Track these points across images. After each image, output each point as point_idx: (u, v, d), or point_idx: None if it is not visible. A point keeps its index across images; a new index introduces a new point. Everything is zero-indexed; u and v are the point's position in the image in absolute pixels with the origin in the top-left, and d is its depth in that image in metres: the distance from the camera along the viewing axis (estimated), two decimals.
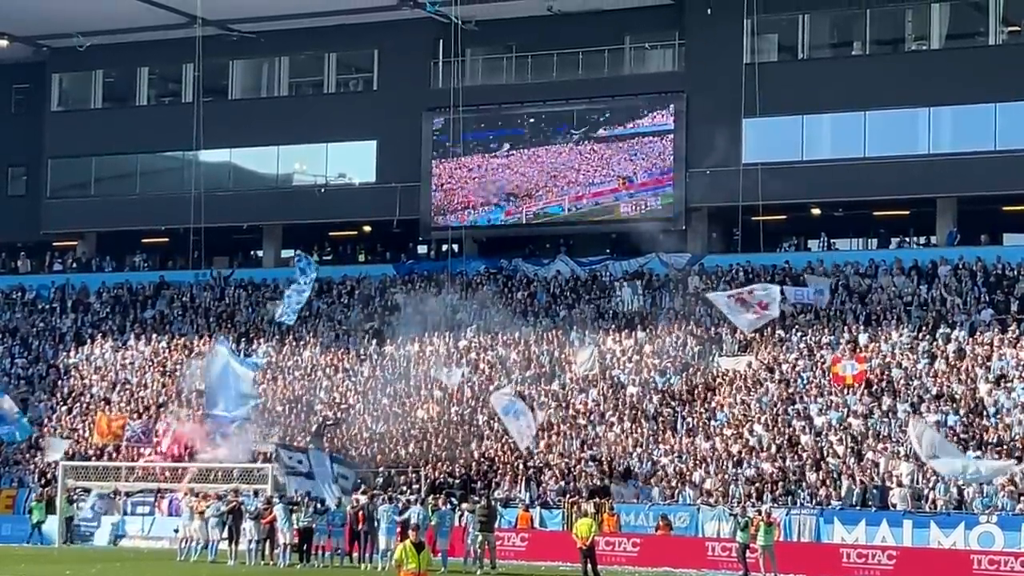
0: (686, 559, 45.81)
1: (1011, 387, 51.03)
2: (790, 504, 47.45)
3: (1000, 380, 51.65)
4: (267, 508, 46.43)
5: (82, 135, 74.10)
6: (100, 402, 62.67)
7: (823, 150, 64.09)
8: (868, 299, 59.09)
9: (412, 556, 25.88)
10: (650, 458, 51.61)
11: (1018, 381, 51.37)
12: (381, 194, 69.42)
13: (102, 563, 44.53)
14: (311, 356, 62.82)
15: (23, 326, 71.62)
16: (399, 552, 26.37)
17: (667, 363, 57.50)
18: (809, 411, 52.12)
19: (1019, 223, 63.29)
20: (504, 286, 65.90)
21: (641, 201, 66.58)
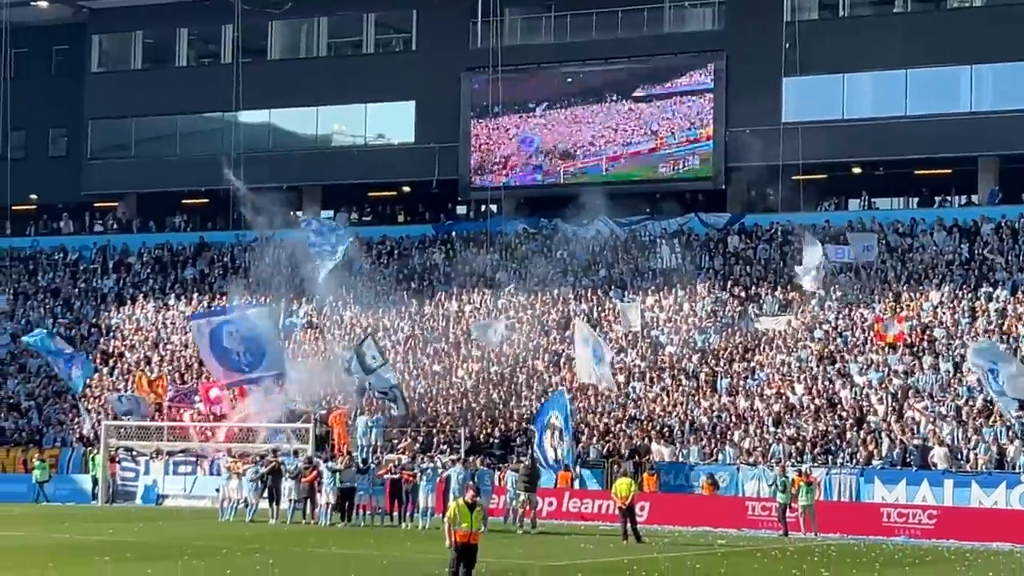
0: (726, 519, 45.68)
1: None
2: (830, 464, 47.25)
3: None
4: (307, 468, 46.46)
5: (122, 96, 74.15)
6: (141, 362, 62.80)
7: (864, 109, 63.75)
8: (909, 258, 58.78)
9: (465, 515, 25.98)
10: (689, 418, 51.43)
11: None
12: (420, 155, 69.36)
13: (144, 522, 44.67)
14: (351, 316, 62.79)
15: (65, 287, 71.84)
16: (452, 511, 26.47)
17: (706, 322, 57.30)
18: (849, 370, 51.86)
19: None
20: (543, 246, 65.76)
21: (680, 160, 66.35)
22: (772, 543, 40.43)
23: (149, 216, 76.40)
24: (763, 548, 38.72)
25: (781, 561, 34.99)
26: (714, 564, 34.09)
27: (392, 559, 33.78)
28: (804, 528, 43.23)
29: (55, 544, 36.74)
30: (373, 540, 39.39)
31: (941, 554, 38.20)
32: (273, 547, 36.39)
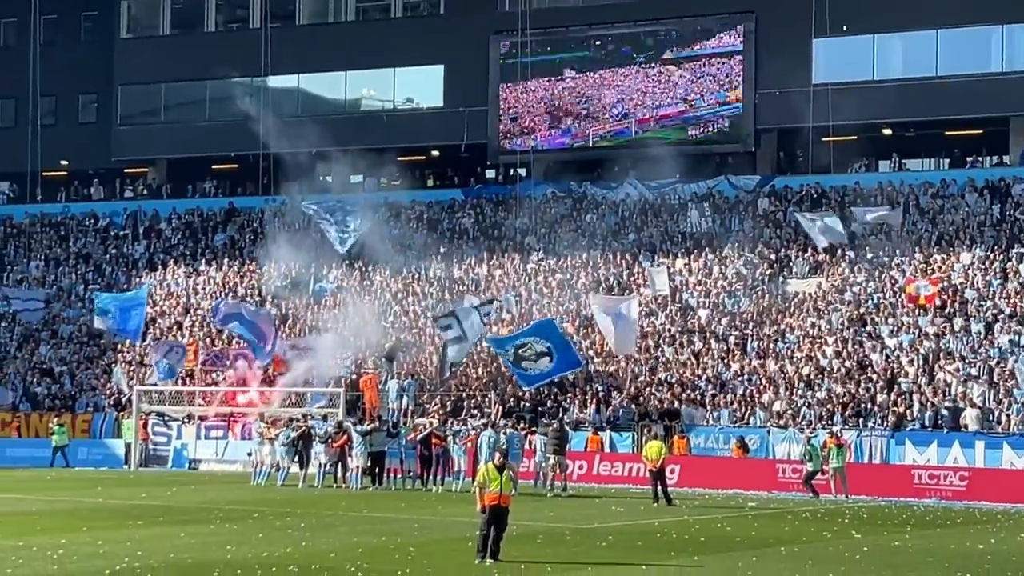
0: (757, 481, 45.68)
1: None
2: (861, 426, 47.19)
3: None
4: (337, 432, 46.55)
5: (151, 62, 74.18)
6: (173, 327, 62.94)
7: (894, 69, 63.50)
8: (940, 219, 58.55)
9: (494, 478, 26.16)
10: (720, 381, 51.38)
11: None
12: (448, 119, 69.33)
13: (176, 486, 44.88)
14: (381, 280, 62.84)
15: (96, 252, 72.05)
16: (481, 474, 26.74)
17: (736, 285, 57.19)
18: (880, 332, 51.71)
19: None
20: (572, 209, 65.70)
21: (709, 123, 66.19)
22: (803, 505, 40.43)
23: (179, 181, 76.52)
24: (793, 510, 38.73)
25: (812, 523, 35.01)
26: (744, 526, 34.11)
27: (423, 522, 33.88)
28: (835, 490, 43.19)
29: (88, 508, 36.95)
30: (404, 504, 39.52)
31: (972, 516, 38.15)
32: (304, 511, 36.53)
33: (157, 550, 27.42)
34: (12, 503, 38.23)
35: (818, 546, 29.85)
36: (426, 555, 27.18)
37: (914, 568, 26.24)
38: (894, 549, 29.44)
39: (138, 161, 78.06)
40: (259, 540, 29.47)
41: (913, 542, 30.93)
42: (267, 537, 30.06)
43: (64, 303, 67.71)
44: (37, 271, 71.08)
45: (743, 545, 29.77)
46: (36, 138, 74.78)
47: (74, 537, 29.52)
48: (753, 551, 28.59)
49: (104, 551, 27.14)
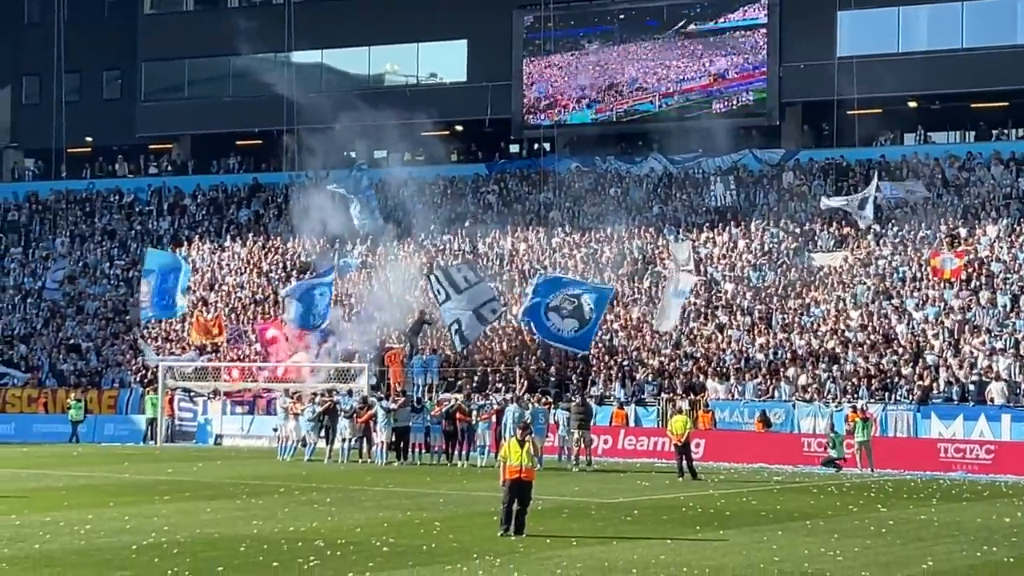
0: (781, 455, 45.65)
1: None
2: (886, 399, 47.11)
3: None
4: (362, 408, 46.61)
5: (175, 38, 74.27)
6: (198, 303, 63.08)
7: (920, 42, 63.23)
8: (966, 192, 58.34)
9: (516, 452, 26.20)
10: (744, 355, 51.33)
11: None
12: (472, 93, 69.29)
13: (203, 461, 45.04)
14: (405, 256, 62.84)
15: (121, 228, 72.21)
16: (504, 448, 26.91)
17: (761, 259, 57.10)
18: (906, 306, 51.59)
19: None
20: (596, 183, 65.64)
21: (733, 96, 66.01)
22: (828, 479, 40.42)
23: (203, 157, 76.61)
24: (819, 484, 38.71)
25: (837, 497, 34.99)
26: (770, 500, 34.11)
27: (448, 497, 33.95)
28: (860, 464, 43.15)
29: (115, 484, 37.11)
30: (429, 478, 39.60)
31: (998, 489, 38.09)
32: (330, 486, 36.63)
33: (184, 525, 27.53)
34: (39, 478, 38.44)
35: (843, 520, 29.84)
36: (451, 529, 27.25)
37: (940, 541, 26.22)
38: (920, 523, 29.42)
39: (162, 137, 78.19)
40: (285, 515, 29.57)
41: (939, 516, 30.90)
42: (293, 512, 30.15)
43: (90, 279, 67.89)
44: (63, 247, 71.28)
45: (768, 519, 29.77)
46: (60, 115, 75.07)
47: (101, 512, 29.65)
48: (778, 525, 28.60)
49: (131, 526, 27.26)
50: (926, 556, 24.14)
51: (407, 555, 23.51)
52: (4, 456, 47.09)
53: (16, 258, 71.53)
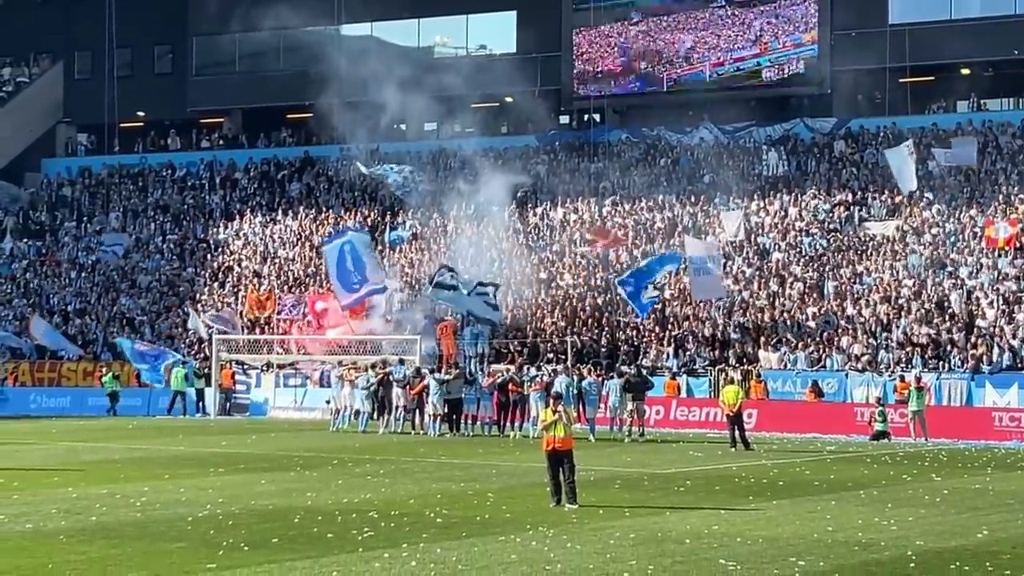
0: (834, 425, 45.53)
1: None
2: (940, 368, 46.88)
3: None
4: (416, 377, 46.67)
5: (225, 12, 74.20)
6: (250, 276, 63.34)
7: (972, 8, 62.93)
8: (1019, 159, 57.94)
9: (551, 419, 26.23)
10: (796, 324, 51.15)
11: None
12: (522, 65, 69.15)
13: (257, 434, 45.25)
14: (455, 227, 62.91)
15: (173, 202, 72.54)
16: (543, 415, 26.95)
17: (813, 228, 56.87)
18: (959, 274, 51.32)
19: None
20: (647, 154, 65.52)
21: (785, 65, 65.74)
22: (881, 449, 40.29)
23: (254, 131, 76.84)
24: (872, 454, 38.58)
25: (890, 467, 34.86)
26: (823, 470, 34.02)
27: (501, 468, 34.00)
28: (914, 433, 42.98)
29: (170, 456, 37.33)
30: (481, 450, 39.66)
31: None
32: (383, 457, 36.74)
33: (238, 497, 27.67)
34: (95, 451, 38.70)
35: (897, 489, 29.73)
36: (504, 500, 27.29)
37: (996, 510, 26.09)
38: (975, 492, 29.28)
39: (213, 111, 78.46)
40: (339, 487, 29.67)
41: (994, 484, 30.75)
42: (346, 484, 30.26)
43: (143, 253, 68.23)
44: (116, 222, 71.68)
45: (821, 489, 29.69)
46: (112, 90, 75.48)
47: (157, 484, 29.84)
48: (832, 495, 28.52)
49: (186, 498, 27.42)
50: (981, 525, 24.03)
51: (460, 526, 23.57)
52: (60, 429, 47.47)
53: (70, 232, 71.97)
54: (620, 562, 20.01)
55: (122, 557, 20.37)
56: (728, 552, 20.95)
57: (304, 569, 19.38)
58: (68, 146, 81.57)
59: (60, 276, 68.15)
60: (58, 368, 60.22)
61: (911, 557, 20.70)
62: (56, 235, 72.20)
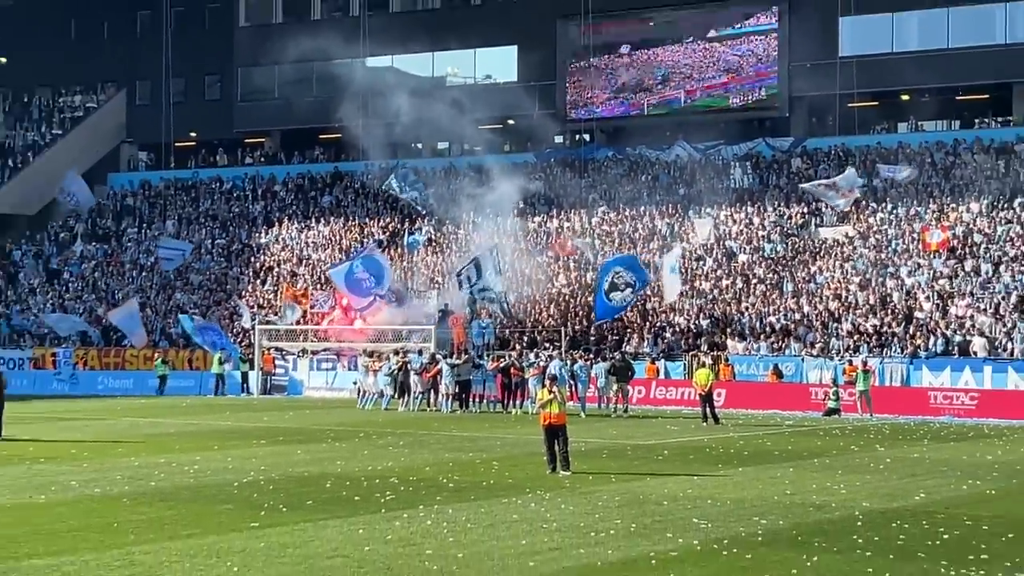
0: (792, 403, 45.56)
1: None
2: (883, 354, 46.89)
3: None
4: (431, 363, 46.77)
5: (266, 47, 74.44)
6: (288, 275, 63.35)
7: (911, 43, 62.84)
8: (952, 174, 57.92)
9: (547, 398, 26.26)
10: (759, 316, 51.17)
11: None
12: (522, 92, 69.15)
13: (293, 411, 45.29)
14: (464, 232, 62.92)
15: (221, 211, 72.55)
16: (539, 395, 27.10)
17: (775, 233, 56.87)
18: (900, 273, 51.33)
19: None
20: (630, 169, 65.50)
21: (749, 92, 65.69)
22: (832, 423, 40.31)
23: (291, 149, 76.85)
24: (824, 428, 38.60)
25: (840, 438, 34.89)
26: (782, 441, 34.05)
27: (504, 440, 34.04)
28: (861, 410, 42.98)
29: (219, 430, 37.37)
30: (487, 425, 39.69)
31: (981, 431, 37.89)
32: (403, 431, 36.77)
33: (278, 465, 27.71)
34: (154, 426, 38.76)
35: (846, 458, 29.77)
36: (507, 468, 27.33)
37: (931, 476, 26.13)
38: (913, 460, 29.32)
39: (256, 132, 78.45)
40: (365, 456, 29.71)
41: (930, 454, 30.78)
42: (371, 454, 30.30)
43: (195, 255, 68.25)
44: (172, 228, 71.67)
45: (781, 458, 29.73)
46: (169, 114, 75.51)
47: (207, 455, 29.89)
48: (789, 463, 28.56)
49: (233, 466, 27.46)
50: (919, 489, 24.06)
51: (469, 490, 23.60)
52: (124, 407, 47.52)
53: (132, 237, 71.98)
54: (607, 521, 20.05)
55: (177, 517, 20.42)
56: (700, 512, 20.98)
57: (335, 527, 19.42)
58: (130, 162, 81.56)
59: (123, 275, 68.14)
60: (122, 354, 60.23)
61: (858, 516, 20.73)
62: (120, 239, 72.19)
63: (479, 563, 16.62)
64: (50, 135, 78.85)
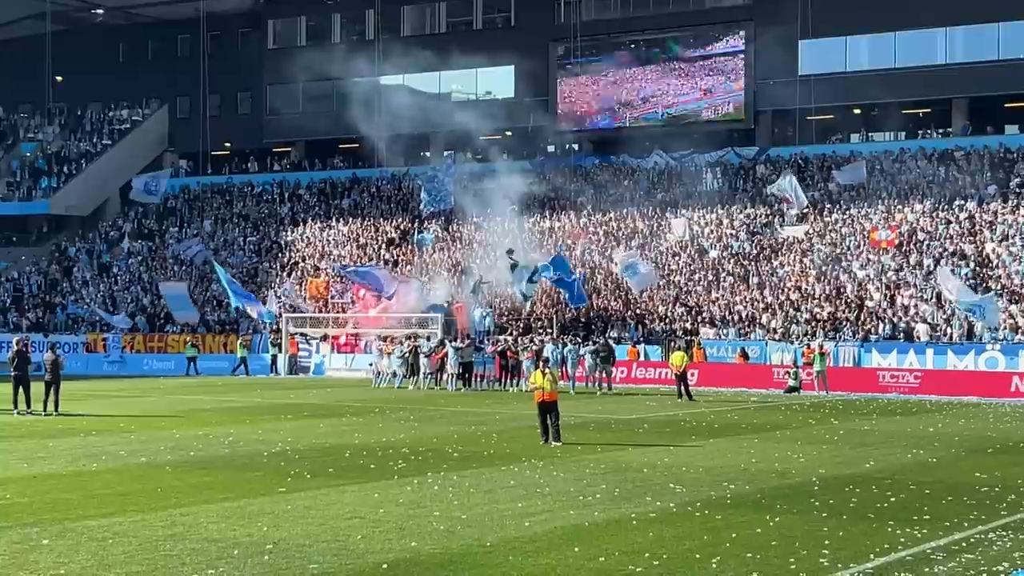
0: (757, 381, 45.60)
1: (1011, 245, 49.86)
2: (837, 338, 46.90)
3: (1003, 240, 50.45)
4: (438, 346, 46.79)
5: (292, 66, 74.27)
6: (312, 269, 63.29)
7: (862, 63, 62.89)
8: (898, 179, 57.91)
9: (539, 380, 26.37)
10: (728, 305, 51.17)
11: (1018, 239, 50.20)
12: (518, 107, 69.14)
13: (316, 389, 45.29)
14: (468, 231, 62.86)
15: (253, 212, 72.47)
16: (533, 377, 26.94)
17: (742, 232, 56.84)
18: (852, 267, 51.32)
19: (1018, 117, 62.01)
20: (614, 176, 65.43)
21: (719, 106, 65.65)
22: (792, 400, 40.35)
23: (314, 157, 76.78)
24: (786, 403, 38.63)
25: (800, 413, 34.93)
26: (748, 416, 34.08)
27: (503, 415, 34.05)
28: (817, 388, 43.04)
29: (250, 406, 37.38)
30: (488, 401, 39.72)
31: (924, 406, 37.94)
32: (413, 407, 36.79)
33: (303, 437, 27.72)
34: (193, 403, 38.76)
35: (805, 430, 29.79)
36: (505, 440, 27.34)
37: (880, 447, 26.15)
38: (864, 432, 29.34)
39: (283, 142, 78.39)
40: (379, 429, 29.72)
41: (879, 427, 30.81)
42: (385, 427, 30.31)
43: (229, 251, 68.18)
44: (209, 227, 71.60)
45: (747, 430, 29.75)
46: (206, 126, 75.47)
47: (239, 428, 29.89)
48: (755, 435, 28.58)
49: (263, 438, 27.47)
50: (869, 458, 24.08)
51: (472, 459, 23.61)
52: (166, 386, 47.54)
53: (174, 235, 71.90)
54: (593, 486, 20.06)
55: (214, 483, 20.43)
56: (676, 478, 21.00)
57: (353, 492, 19.43)
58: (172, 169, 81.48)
59: (166, 269, 68.05)
60: (165, 339, 60.19)
61: (815, 482, 20.75)
62: (163, 238, 72.12)
63: (480, 523, 16.64)
64: (100, 145, 78.71)
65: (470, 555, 14.64)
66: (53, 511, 17.55)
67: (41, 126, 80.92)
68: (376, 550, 14.88)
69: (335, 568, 13.96)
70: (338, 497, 18.86)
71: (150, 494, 19.17)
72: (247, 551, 14.77)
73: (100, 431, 28.98)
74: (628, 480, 20.75)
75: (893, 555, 14.75)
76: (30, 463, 22.86)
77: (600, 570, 13.89)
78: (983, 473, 21.92)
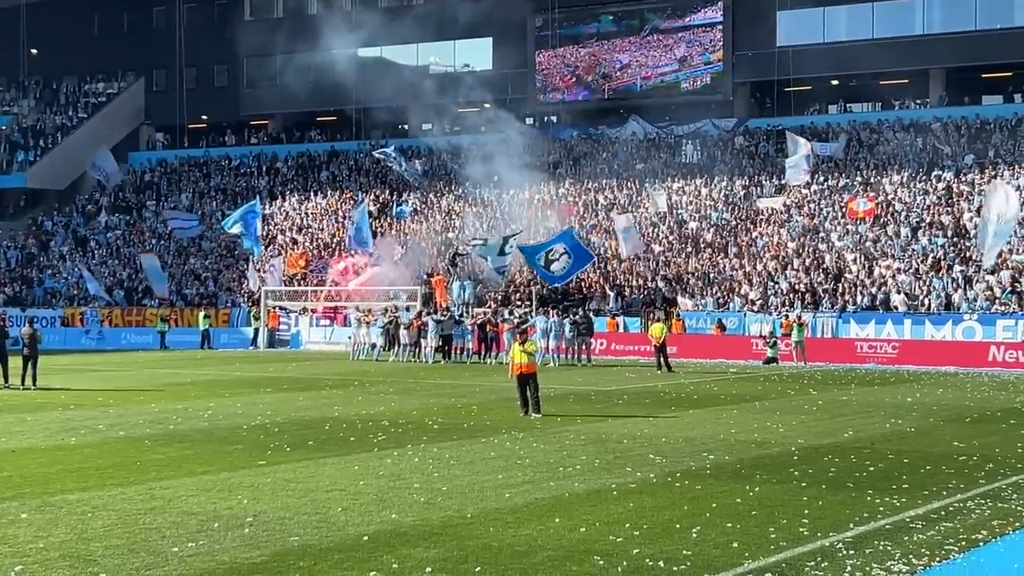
0: (735, 352, 45.69)
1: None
2: (816, 309, 47.02)
3: (979, 210, 50.55)
4: (416, 317, 46.75)
5: (268, 39, 73.92)
6: (290, 242, 63.10)
7: (840, 34, 62.83)
8: (876, 150, 58.01)
9: (518, 353, 26.35)
10: (706, 276, 51.21)
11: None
12: (496, 79, 68.89)
13: (296, 362, 45.20)
14: (447, 203, 62.75)
15: (230, 186, 72.18)
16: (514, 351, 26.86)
17: (720, 203, 56.87)
18: (830, 238, 51.40)
19: (995, 87, 62.02)
20: (593, 147, 65.34)
21: (698, 78, 65.54)
22: (771, 370, 40.46)
23: (292, 131, 76.46)
24: (764, 374, 38.72)
25: (778, 384, 35.02)
26: (727, 386, 34.15)
27: (482, 387, 34.05)
28: (796, 358, 43.16)
29: (229, 380, 37.28)
30: (467, 373, 39.72)
31: (902, 376, 38.09)
32: (393, 380, 36.75)
33: (282, 410, 27.66)
34: (171, 376, 38.64)
35: (784, 400, 29.87)
36: (485, 411, 27.33)
37: (858, 416, 26.23)
38: (842, 402, 29.43)
39: (260, 115, 78.02)
40: (359, 402, 29.68)
41: (857, 397, 30.91)
42: (365, 400, 30.27)
43: (207, 224, 67.93)
44: (187, 201, 71.30)
45: (726, 401, 29.80)
46: (183, 99, 75.01)
47: (219, 401, 29.81)
48: (734, 405, 28.63)
49: (242, 411, 27.40)
50: (847, 427, 24.16)
51: (452, 431, 23.60)
52: (145, 360, 47.39)
53: (151, 209, 71.59)
54: (573, 457, 20.07)
55: (194, 456, 20.36)
56: (655, 449, 21.02)
57: (333, 464, 19.39)
58: (149, 142, 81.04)
59: (143, 243, 67.79)
60: (143, 313, 60.00)
61: (794, 452, 20.80)
62: (140, 211, 71.80)
63: (461, 495, 16.62)
64: (76, 118, 78.26)
65: (451, 527, 14.62)
66: (32, 485, 17.47)
67: (16, 99, 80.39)
68: (356, 522, 14.85)
69: (315, 540, 13.93)
70: (318, 470, 18.80)
71: (129, 467, 19.09)
72: (227, 524, 14.73)
73: (78, 405, 28.86)
74: (608, 451, 20.76)
75: (872, 524, 14.79)
76: (8, 437, 22.74)
77: (580, 540, 13.89)
78: (961, 442, 22.02)
